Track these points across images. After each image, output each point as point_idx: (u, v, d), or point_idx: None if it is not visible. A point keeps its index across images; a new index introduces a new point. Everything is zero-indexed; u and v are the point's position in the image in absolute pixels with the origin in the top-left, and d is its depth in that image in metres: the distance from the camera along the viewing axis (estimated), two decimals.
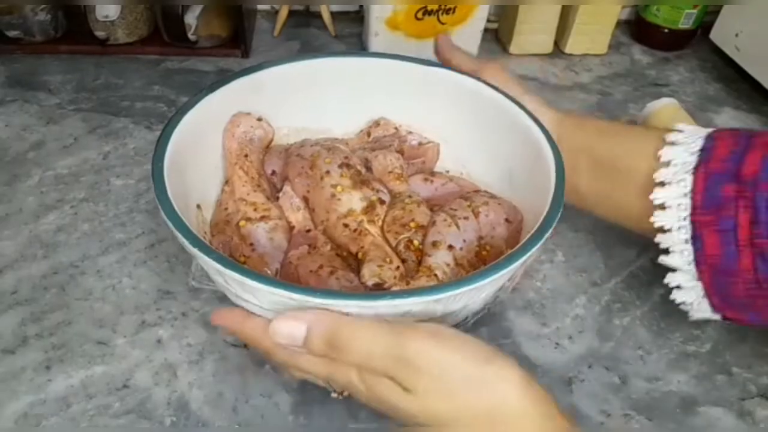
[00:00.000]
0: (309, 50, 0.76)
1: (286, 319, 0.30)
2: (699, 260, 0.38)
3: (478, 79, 0.45)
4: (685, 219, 0.38)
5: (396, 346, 0.28)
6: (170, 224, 0.32)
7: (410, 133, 0.50)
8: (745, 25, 0.72)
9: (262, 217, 0.42)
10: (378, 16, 0.68)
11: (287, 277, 0.39)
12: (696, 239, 0.37)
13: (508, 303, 0.47)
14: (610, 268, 0.51)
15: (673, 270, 0.40)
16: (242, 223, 0.41)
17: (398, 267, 0.39)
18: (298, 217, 0.44)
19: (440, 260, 0.38)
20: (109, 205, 0.53)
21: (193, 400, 0.40)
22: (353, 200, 0.42)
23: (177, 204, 0.34)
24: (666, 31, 0.79)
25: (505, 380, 0.29)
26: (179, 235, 0.32)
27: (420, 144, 0.50)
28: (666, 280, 0.40)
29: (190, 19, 0.69)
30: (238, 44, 0.72)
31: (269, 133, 0.47)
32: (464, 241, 0.40)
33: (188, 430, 0.38)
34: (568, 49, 0.79)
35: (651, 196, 0.39)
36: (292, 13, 0.80)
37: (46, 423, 0.38)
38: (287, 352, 0.32)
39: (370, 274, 0.38)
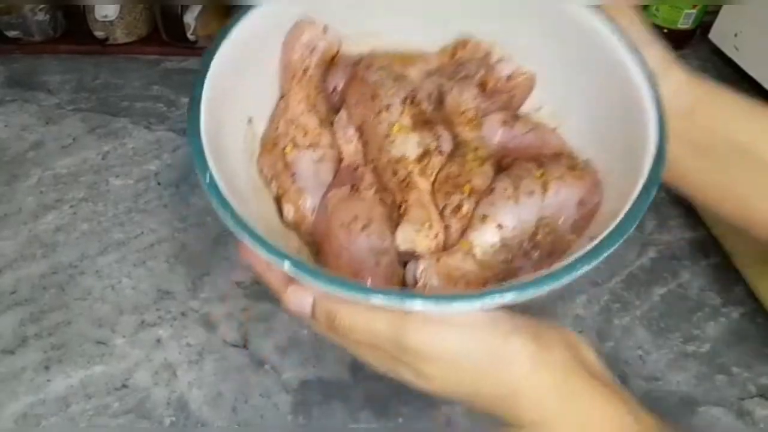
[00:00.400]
0: None
1: (296, 289, 0.29)
2: None
3: (597, 9, 0.36)
4: None
5: (398, 335, 0.27)
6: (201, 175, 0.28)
7: (502, 60, 0.41)
8: (745, 25, 0.72)
9: (311, 144, 0.38)
10: None
11: (321, 220, 0.36)
12: None
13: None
14: (610, 268, 0.51)
15: None
16: (288, 148, 0.38)
17: (437, 234, 0.34)
18: (350, 149, 0.39)
19: (485, 238, 0.33)
20: (108, 205, 0.53)
21: (192, 400, 0.40)
22: (409, 143, 0.37)
23: (217, 117, 0.30)
24: (665, 30, 0.79)
25: (515, 360, 0.27)
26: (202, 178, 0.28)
27: (510, 77, 0.41)
28: None
29: (190, 19, 0.69)
30: None
31: (334, 45, 0.41)
32: (520, 220, 0.34)
33: (188, 430, 0.38)
34: None
35: None
36: None
37: (45, 423, 0.38)
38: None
39: (404, 238, 0.34)
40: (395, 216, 0.36)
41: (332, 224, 0.35)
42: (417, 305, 0.26)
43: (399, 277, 0.34)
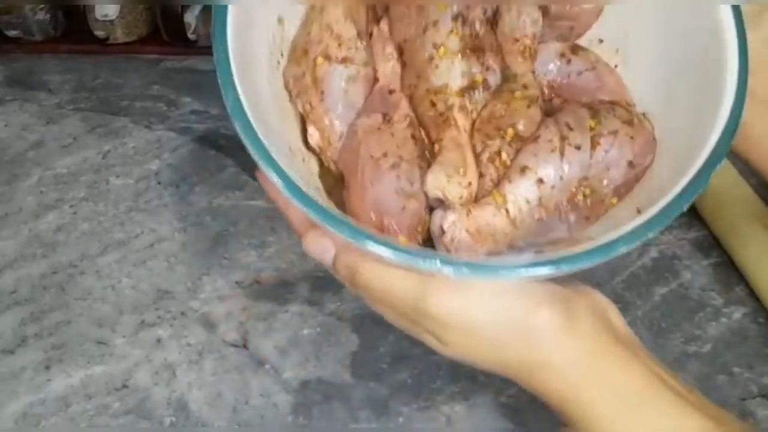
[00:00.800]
0: None
1: (318, 235, 0.28)
2: None
3: None
4: None
5: (418, 299, 0.26)
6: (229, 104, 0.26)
7: None
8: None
9: (344, 59, 0.34)
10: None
11: (347, 150, 0.33)
12: None
13: None
14: (611, 268, 0.51)
15: None
16: (320, 60, 0.33)
17: (470, 183, 0.31)
18: (386, 69, 0.35)
19: (521, 193, 0.30)
20: (108, 205, 0.53)
21: (192, 400, 0.40)
22: (453, 72, 0.33)
23: (245, 16, 0.28)
24: None
25: (542, 333, 0.26)
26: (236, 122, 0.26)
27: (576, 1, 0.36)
28: None
29: (190, 18, 0.69)
30: None
31: None
32: (561, 177, 0.31)
33: (188, 431, 0.38)
34: None
35: None
36: None
37: (45, 423, 0.38)
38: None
39: (434, 184, 0.30)
40: (428, 154, 0.33)
41: (359, 157, 0.32)
42: (447, 271, 0.24)
43: (425, 224, 0.31)
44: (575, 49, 0.36)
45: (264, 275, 0.48)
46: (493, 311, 0.26)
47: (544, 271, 0.24)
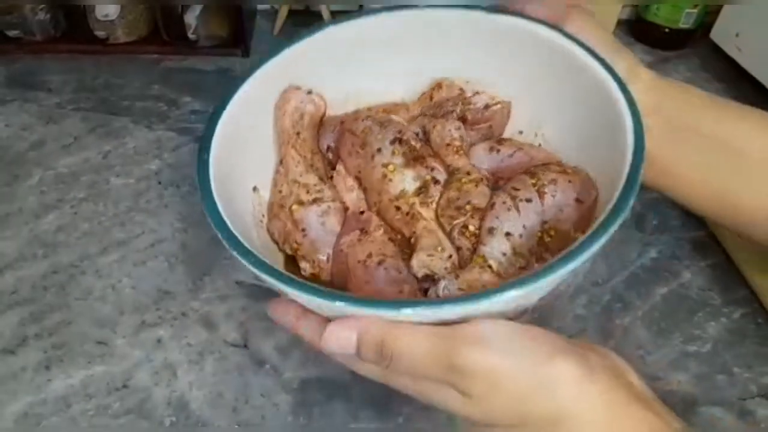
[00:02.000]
0: None
1: (336, 328, 0.29)
2: None
3: (556, 28, 0.38)
4: None
5: (445, 355, 0.27)
6: (212, 223, 0.31)
7: (477, 93, 0.44)
8: (746, 24, 0.72)
9: (315, 200, 0.40)
10: None
11: (338, 265, 0.38)
12: None
13: None
14: (611, 268, 0.51)
15: None
16: (294, 207, 0.39)
17: (450, 256, 0.36)
18: (353, 197, 0.41)
19: (496, 249, 0.35)
20: (108, 205, 0.53)
21: (192, 400, 0.40)
22: (405, 180, 0.39)
23: (226, 189, 0.32)
24: (666, 30, 0.79)
25: (561, 383, 0.27)
26: (220, 236, 0.30)
27: (487, 106, 0.44)
28: None
29: (190, 18, 0.69)
30: (238, 44, 0.72)
31: (321, 107, 0.43)
32: (524, 227, 0.36)
33: (188, 430, 0.38)
34: None
35: None
36: (291, 13, 0.80)
37: (46, 423, 0.38)
38: (343, 357, 0.31)
39: (419, 264, 0.35)
40: (409, 250, 0.37)
41: (350, 262, 0.37)
42: (448, 310, 0.27)
43: None
44: (500, 142, 0.42)
45: None
46: (517, 360, 0.27)
47: (513, 293, 0.27)
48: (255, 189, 0.40)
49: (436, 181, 0.39)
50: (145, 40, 0.73)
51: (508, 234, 0.35)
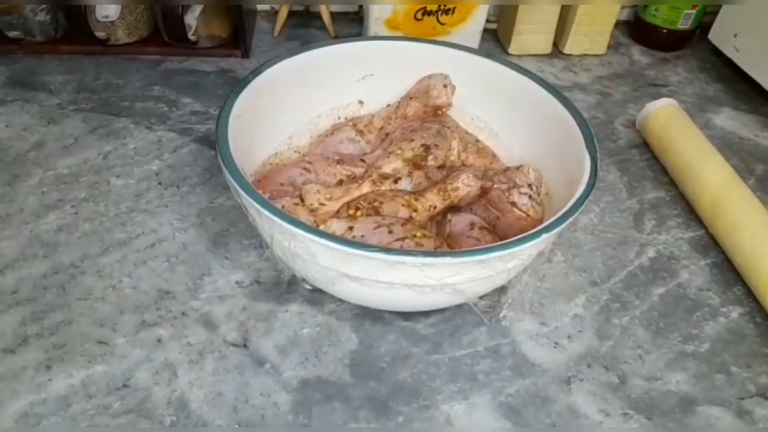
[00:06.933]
0: None
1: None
2: None
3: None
4: None
5: None
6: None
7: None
8: (744, 25, 0.72)
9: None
10: (377, 17, 0.68)
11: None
12: None
13: (508, 303, 0.47)
14: (610, 268, 0.51)
15: None
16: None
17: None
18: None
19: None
20: (109, 205, 0.53)
21: (193, 400, 0.40)
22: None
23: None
24: (665, 31, 0.79)
25: None
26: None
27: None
28: None
29: (190, 19, 0.69)
30: (238, 44, 0.72)
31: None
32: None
33: (188, 430, 0.38)
34: (567, 50, 0.79)
35: None
36: (291, 14, 0.80)
37: (46, 422, 0.38)
38: None
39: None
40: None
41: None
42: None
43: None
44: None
45: (264, 275, 0.48)
46: None
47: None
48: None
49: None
50: (145, 41, 0.73)
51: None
